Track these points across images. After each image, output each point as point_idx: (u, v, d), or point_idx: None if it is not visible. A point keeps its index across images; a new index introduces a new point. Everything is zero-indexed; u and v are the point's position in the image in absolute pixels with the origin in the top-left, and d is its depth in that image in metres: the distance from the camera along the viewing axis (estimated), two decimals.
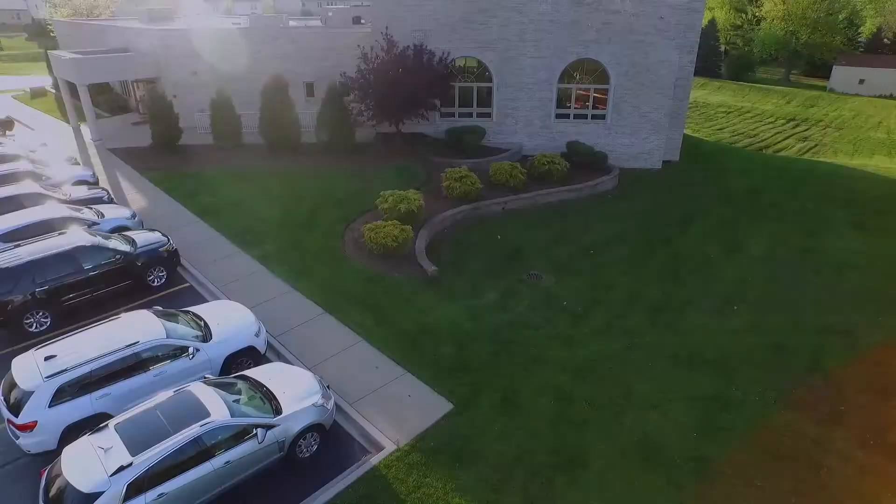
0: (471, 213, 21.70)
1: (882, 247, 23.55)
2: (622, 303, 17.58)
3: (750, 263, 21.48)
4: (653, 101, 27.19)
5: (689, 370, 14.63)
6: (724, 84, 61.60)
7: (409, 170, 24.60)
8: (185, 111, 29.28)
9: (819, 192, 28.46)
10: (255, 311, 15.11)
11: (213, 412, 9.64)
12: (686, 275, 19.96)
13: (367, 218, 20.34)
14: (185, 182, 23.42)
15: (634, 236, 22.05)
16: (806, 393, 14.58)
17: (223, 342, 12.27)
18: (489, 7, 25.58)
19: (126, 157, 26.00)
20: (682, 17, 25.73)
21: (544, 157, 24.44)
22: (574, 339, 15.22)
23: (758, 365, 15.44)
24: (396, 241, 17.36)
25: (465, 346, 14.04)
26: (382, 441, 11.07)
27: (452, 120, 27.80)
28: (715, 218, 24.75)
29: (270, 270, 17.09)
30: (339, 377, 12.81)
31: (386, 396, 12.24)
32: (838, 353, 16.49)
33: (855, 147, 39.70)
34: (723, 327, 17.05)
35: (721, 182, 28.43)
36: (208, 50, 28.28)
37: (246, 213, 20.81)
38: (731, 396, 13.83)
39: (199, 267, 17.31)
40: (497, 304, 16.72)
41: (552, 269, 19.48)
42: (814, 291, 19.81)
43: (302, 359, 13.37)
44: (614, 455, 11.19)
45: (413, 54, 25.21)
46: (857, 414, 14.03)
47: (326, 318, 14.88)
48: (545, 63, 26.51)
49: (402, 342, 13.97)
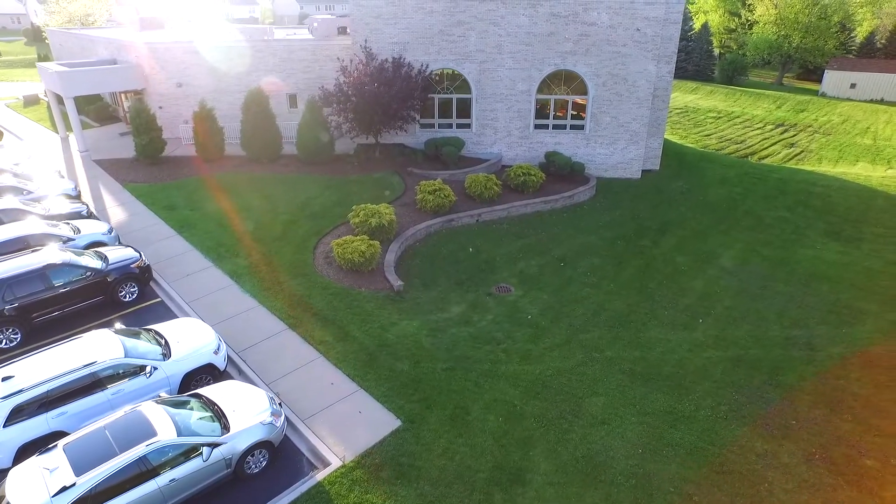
0: (444, 225, 22.04)
1: (854, 257, 23.80)
2: (586, 316, 17.87)
3: (720, 275, 21.72)
4: (631, 112, 27.47)
5: (644, 385, 14.91)
6: (715, 88, 61.72)
7: (388, 181, 24.95)
8: (171, 122, 29.83)
9: (797, 201, 28.69)
10: (220, 326, 15.57)
11: (160, 432, 10.01)
12: (655, 287, 20.23)
13: (340, 231, 20.73)
14: (165, 194, 23.84)
15: (607, 248, 22.33)
16: (759, 407, 14.85)
17: (182, 360, 12.65)
18: (467, 20, 25.91)
19: (110, 168, 26.45)
20: (658, 28, 25.98)
21: (520, 169, 24.76)
22: (532, 354, 15.53)
23: (715, 379, 15.71)
24: (363, 256, 17.71)
25: (420, 362, 14.37)
26: (329, 457, 11.42)
27: (433, 131, 28.15)
28: (690, 228, 25.00)
29: (240, 285, 17.46)
30: (295, 393, 13.18)
31: (338, 413, 12.59)
32: (797, 366, 16.75)
33: (840, 153, 39.85)
34: (685, 341, 17.31)
35: (699, 191, 28.67)
36: (192, 62, 28.72)
37: (222, 226, 21.18)
38: (682, 411, 14.11)
39: (171, 282, 17.71)
40: (461, 318, 17.04)
41: (521, 281, 19.79)
42: (781, 303, 20.06)
43: (261, 375, 13.75)
44: (556, 472, 11.50)
45: (392, 66, 25.57)
46: (808, 428, 14.30)
47: (289, 334, 15.24)
48: (523, 74, 26.82)
49: (359, 358, 14.31)
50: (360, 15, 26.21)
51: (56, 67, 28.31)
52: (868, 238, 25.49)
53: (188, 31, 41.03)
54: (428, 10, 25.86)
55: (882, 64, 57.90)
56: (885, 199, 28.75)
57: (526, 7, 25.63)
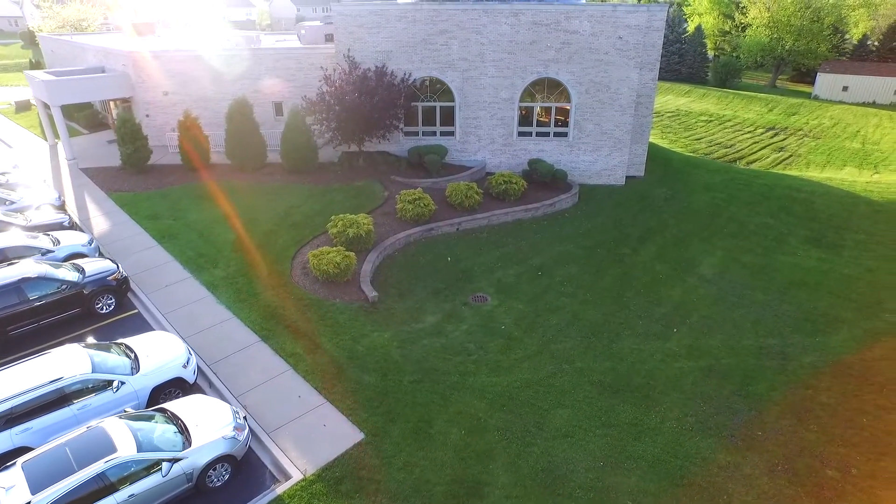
0: (424, 234, 22.20)
1: (833, 264, 23.89)
2: (560, 326, 18.00)
3: (699, 283, 21.83)
4: (614, 119, 27.60)
5: (612, 396, 15.05)
6: (708, 91, 61.79)
7: (370, 190, 25.12)
8: (158, 130, 30.06)
9: (780, 207, 28.79)
10: (194, 339, 15.76)
11: (120, 448, 10.19)
12: (632, 296, 20.35)
13: (320, 241, 20.89)
14: (149, 204, 24.03)
15: (586, 256, 22.46)
16: (726, 418, 14.98)
17: (150, 374, 12.82)
18: (449, 28, 26.07)
19: (97, 177, 26.65)
20: (641, 36, 26.11)
21: (501, 177, 24.91)
22: (502, 366, 15.68)
23: (684, 390, 15.83)
24: (338, 267, 17.86)
25: (388, 375, 14.53)
26: (291, 470, 11.60)
27: (416, 139, 28.31)
28: (671, 235, 25.11)
29: (216, 297, 17.63)
30: (262, 406, 13.35)
31: (303, 426, 12.75)
32: (768, 376, 16.87)
33: (828, 158, 39.93)
34: (657, 351, 17.44)
35: (683, 198, 28.78)
36: (178, 71, 28.93)
37: (203, 236, 21.36)
38: (648, 423, 14.24)
39: (149, 293, 17.89)
40: (434, 329, 17.20)
41: (498, 290, 19.93)
42: (757, 312, 20.17)
43: (231, 388, 13.92)
44: (514, 485, 11.66)
45: (375, 75, 25.73)
46: (773, 439, 14.44)
47: (261, 346, 15.42)
48: (506, 82, 26.97)
49: (327, 371, 14.48)
50: (344, 24, 26.38)
51: (42, 76, 28.53)
52: (849, 245, 25.59)
53: (179, 38, 41.28)
54: (411, 19, 26.02)
55: (874, 67, 57.93)
56: (868, 206, 28.84)
57: (508, 16, 25.79)
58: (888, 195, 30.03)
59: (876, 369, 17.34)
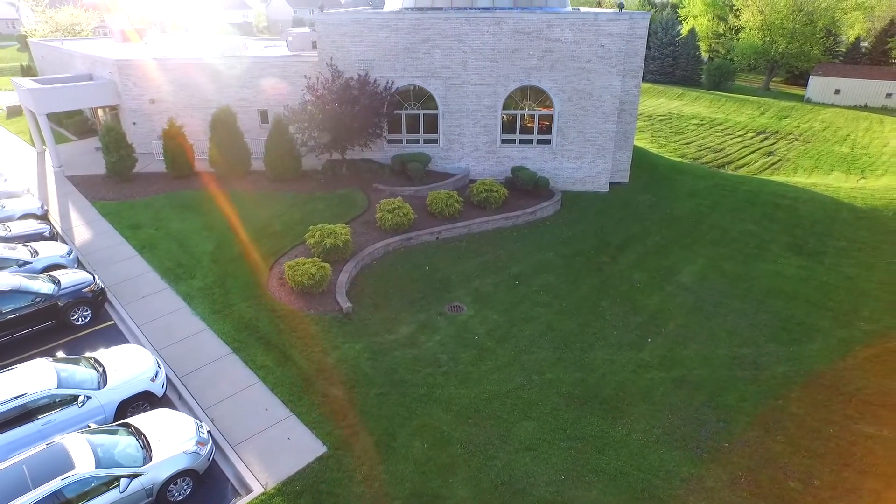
0: (403, 243, 22.32)
1: (813, 271, 23.95)
2: (533, 336, 18.11)
3: (677, 291, 21.89)
4: (597, 126, 27.70)
5: (580, 408, 15.15)
6: (701, 94, 61.86)
7: (352, 198, 25.24)
8: (145, 138, 30.22)
9: (764, 213, 28.86)
10: (167, 350, 15.91)
11: (78, 465, 10.32)
12: (608, 305, 20.44)
13: (298, 251, 21.01)
14: (132, 213, 24.15)
15: (564, 265, 22.56)
16: (693, 430, 15.07)
17: (117, 388, 12.96)
18: (432, 37, 26.19)
19: (82, 185, 26.80)
20: (622, 44, 26.21)
21: (482, 185, 25.02)
22: (472, 377, 15.79)
23: (653, 401, 15.92)
24: (313, 279, 17.99)
25: (356, 387, 14.66)
26: (253, 484, 11.73)
27: (400, 146, 28.44)
28: (652, 243, 25.19)
29: (192, 308, 17.76)
30: (229, 419, 13.48)
31: (267, 439, 12.88)
32: (740, 386, 16.95)
33: (816, 162, 39.97)
34: (630, 361, 17.52)
35: (667, 204, 28.86)
36: (164, 79, 29.09)
37: (183, 246, 21.48)
38: (613, 436, 14.34)
39: (126, 304, 18.03)
40: (407, 340, 17.32)
41: (475, 300, 20.04)
42: (734, 321, 20.23)
43: (200, 400, 14.05)
44: (473, 499, 11.77)
45: (358, 84, 25.86)
46: (739, 450, 14.53)
47: (232, 358, 15.55)
48: (489, 90, 27.09)
49: (296, 383, 14.60)
50: (327, 33, 26.52)
51: (28, 84, 28.69)
52: (830, 252, 25.66)
53: (168, 44, 41.45)
54: (393, 27, 26.15)
55: (866, 70, 57.97)
56: (851, 212, 28.91)
57: (490, 24, 25.91)
58: (871, 201, 30.09)
59: (847, 379, 17.43)
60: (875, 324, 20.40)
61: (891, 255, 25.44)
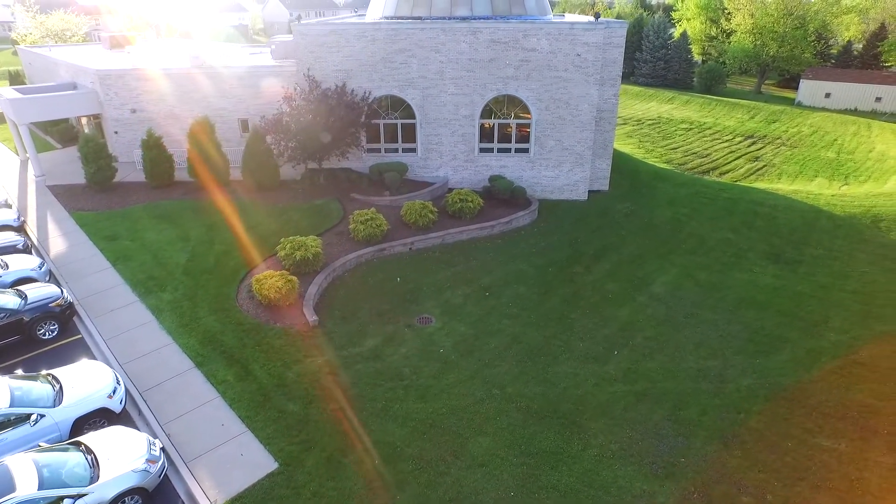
0: (375, 254, 22.44)
1: (787, 280, 23.99)
2: (499, 349, 18.19)
3: (649, 302, 21.93)
4: (575, 135, 27.79)
5: (538, 423, 15.23)
6: (692, 98, 61.89)
7: (328, 209, 25.37)
8: (126, 147, 30.41)
9: (743, 222, 28.91)
10: (131, 365, 16.05)
11: (20, 487, 10.46)
12: (577, 317, 20.50)
13: (270, 263, 21.13)
14: (110, 224, 24.30)
15: (536, 275, 22.63)
16: (651, 445, 15.12)
17: (73, 406, 13.10)
18: (408, 47, 26.31)
19: (62, 195, 27.00)
20: (599, 53, 26.29)
21: (458, 195, 25.12)
22: (431, 391, 15.89)
23: (613, 416, 15.97)
24: (280, 292, 18.12)
25: (313, 402, 14.78)
26: (203, 501, 11.86)
27: (379, 155, 28.57)
28: (627, 252, 25.24)
29: (160, 322, 17.90)
30: (185, 435, 13.61)
31: (221, 455, 13.01)
32: (702, 399, 17.00)
33: (801, 168, 40.00)
34: (593, 375, 17.58)
35: (645, 213, 28.92)
36: (145, 89, 29.26)
37: (157, 258, 21.61)
38: (568, 451, 14.42)
39: (94, 318, 18.17)
40: (372, 353, 17.42)
41: (444, 311, 20.13)
42: (703, 332, 20.26)
43: (158, 416, 14.19)
44: None
45: (336, 94, 26.00)
46: (695, 465, 14.59)
47: (194, 373, 15.68)
48: (466, 99, 27.20)
49: (254, 399, 14.74)
50: (304, 43, 26.66)
51: (9, 94, 28.87)
52: (807, 260, 25.71)
53: (155, 51, 41.65)
54: (370, 38, 26.28)
55: (856, 74, 57.96)
56: (829, 220, 28.96)
57: (466, 34, 26.02)
58: (850, 209, 30.13)
59: (809, 392, 17.49)
60: (844, 334, 20.46)
61: (865, 264, 25.51)
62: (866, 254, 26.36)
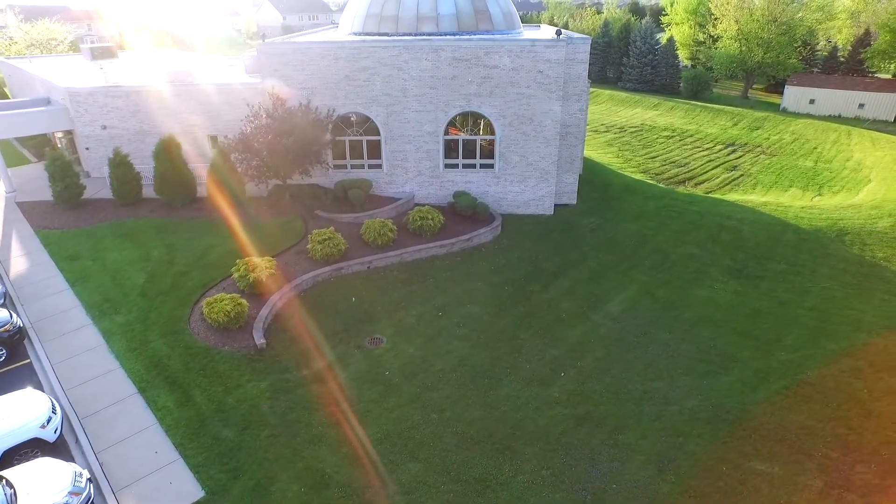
0: (333, 273, 22.64)
1: (747, 297, 24.03)
2: (444, 372, 18.33)
3: (603, 321, 22.00)
4: (539, 151, 27.95)
5: (471, 449, 15.38)
6: (677, 104, 61.95)
7: (291, 227, 25.58)
8: (98, 163, 30.67)
9: (709, 236, 28.95)
10: (74, 391, 16.27)
11: None
12: (527, 337, 20.61)
13: (226, 284, 21.30)
14: (74, 243, 24.51)
15: (492, 294, 22.74)
16: (583, 471, 15.22)
17: (1, 437, 13.36)
18: (371, 65, 26.52)
19: (30, 212, 27.25)
20: (561, 70, 26.44)
21: (419, 213, 25.30)
22: (371, 415, 16.08)
23: (550, 440, 16.05)
24: (228, 316, 18.33)
25: (248, 428, 14.99)
26: None
27: (345, 171, 28.79)
28: (588, 269, 25.33)
29: (109, 346, 18.11)
30: (117, 463, 13.83)
31: (151, 484, 13.23)
32: (643, 423, 17.08)
33: (777, 177, 40.04)
34: (536, 398, 17.68)
35: (611, 227, 29.03)
36: (114, 105, 29.53)
37: (116, 279, 21.80)
38: (498, 478, 14.57)
39: (45, 342, 18.40)
40: (316, 376, 17.60)
41: (396, 332, 20.30)
42: (654, 352, 20.33)
43: (95, 444, 14.39)
44: None
45: (300, 111, 26.21)
46: (626, 492, 14.68)
47: (136, 399, 15.90)
48: (430, 116, 27.38)
49: (190, 426, 14.95)
50: (269, 62, 26.90)
51: None
52: (769, 275, 25.77)
53: (137, 63, 41.97)
54: (333, 56, 26.49)
55: (840, 81, 57.95)
56: (795, 234, 29.02)
57: (428, 52, 26.20)
58: (817, 222, 30.20)
59: (752, 413, 17.60)
60: (794, 353, 20.55)
61: (827, 279, 25.60)
62: (828, 268, 26.45)
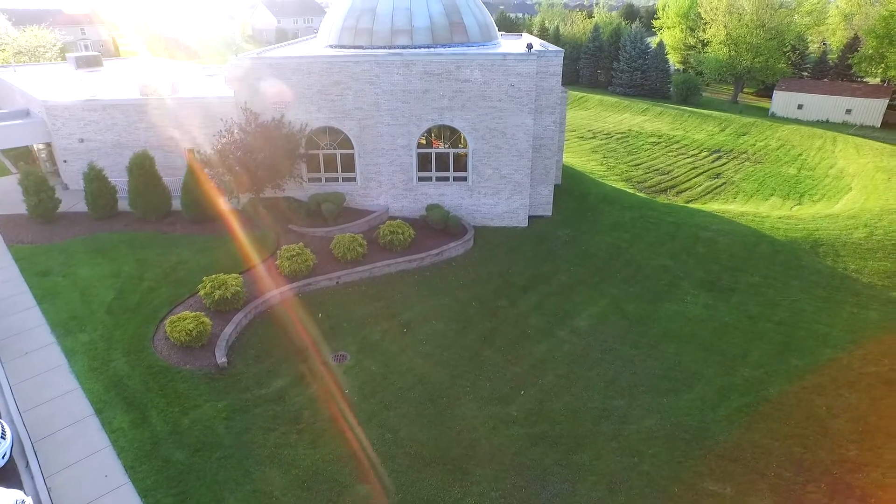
0: (301, 289, 22.75)
1: (717, 311, 24.03)
2: (403, 390, 18.43)
3: (568, 337, 22.03)
4: (512, 163, 28.05)
5: (422, 470, 15.48)
6: (665, 110, 61.98)
7: (263, 241, 25.68)
8: (76, 176, 30.80)
9: (683, 248, 28.97)
10: (31, 413, 16.36)
11: None
12: (491, 354, 20.70)
13: (194, 301, 21.42)
14: (46, 258, 24.57)
15: (458, 310, 22.78)
16: (533, 492, 15.31)
17: None
18: (343, 80, 26.63)
19: (5, 225, 27.28)
20: (532, 83, 26.53)
21: (389, 227, 25.39)
22: (324, 437, 16.17)
23: (503, 461, 16.12)
24: (190, 335, 18.45)
25: (200, 450, 15.10)
26: None
27: (320, 184, 28.91)
28: (558, 283, 25.37)
29: (70, 365, 18.21)
30: (67, 487, 13.93)
31: None
32: (599, 442, 17.15)
33: (759, 186, 40.07)
34: (493, 417, 17.76)
35: (585, 239, 29.07)
36: (92, 119, 29.71)
37: (84, 296, 21.87)
38: (445, 499, 14.66)
39: (6, 362, 18.44)
40: (276, 395, 17.71)
41: (361, 349, 20.40)
42: (617, 369, 20.38)
43: (45, 468, 14.47)
44: None
45: (273, 126, 26.35)
46: None
47: (91, 420, 16.01)
48: (403, 130, 27.50)
49: (143, 448, 15.04)
50: (242, 76, 27.04)
51: None
52: (741, 288, 25.79)
53: (121, 72, 42.13)
54: (306, 70, 26.61)
55: (827, 86, 57.94)
56: (770, 245, 29.04)
57: (399, 66, 26.31)
58: (793, 233, 30.21)
59: (710, 432, 17.67)
60: (758, 369, 20.61)
61: (798, 292, 25.63)
62: (800, 280, 26.48)
